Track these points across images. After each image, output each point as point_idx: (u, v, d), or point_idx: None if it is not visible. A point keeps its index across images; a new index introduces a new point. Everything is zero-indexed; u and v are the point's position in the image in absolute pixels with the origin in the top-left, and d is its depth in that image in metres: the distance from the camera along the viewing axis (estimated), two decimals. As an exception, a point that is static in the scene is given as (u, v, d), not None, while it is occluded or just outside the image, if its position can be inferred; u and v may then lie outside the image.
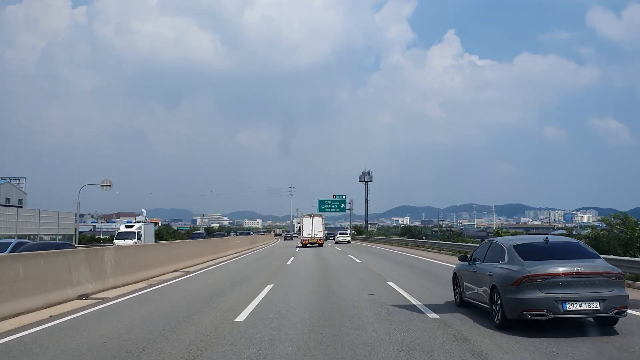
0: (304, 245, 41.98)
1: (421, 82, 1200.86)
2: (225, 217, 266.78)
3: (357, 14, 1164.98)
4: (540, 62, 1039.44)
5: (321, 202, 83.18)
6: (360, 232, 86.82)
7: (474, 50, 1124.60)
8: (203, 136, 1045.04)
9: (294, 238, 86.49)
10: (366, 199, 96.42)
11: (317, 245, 41.89)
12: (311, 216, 44.72)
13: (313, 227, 42.92)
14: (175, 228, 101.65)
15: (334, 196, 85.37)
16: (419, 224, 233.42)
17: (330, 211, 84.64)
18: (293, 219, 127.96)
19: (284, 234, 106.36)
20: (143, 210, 52.73)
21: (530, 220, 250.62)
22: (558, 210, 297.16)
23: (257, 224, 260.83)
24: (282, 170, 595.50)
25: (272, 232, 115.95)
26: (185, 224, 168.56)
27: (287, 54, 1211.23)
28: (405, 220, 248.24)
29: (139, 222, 38.36)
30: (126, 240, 30.61)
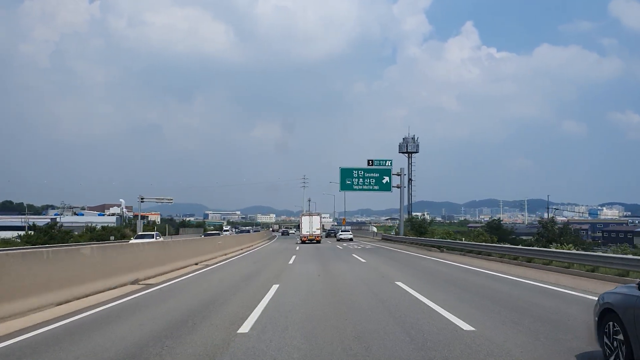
0: (303, 242, 44.21)
1: (438, 75, 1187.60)
2: (238, 212, 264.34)
3: (373, 5, 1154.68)
4: (561, 54, 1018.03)
5: (345, 174, 49.66)
6: (421, 231, 50.38)
7: (492, 43, 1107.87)
8: (217, 129, 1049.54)
9: (290, 234, 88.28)
10: (409, 179, 60.32)
11: (314, 242, 44.45)
12: (310, 215, 47.46)
13: (311, 225, 45.13)
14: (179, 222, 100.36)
15: (370, 162, 49.78)
16: (440, 219, 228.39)
17: (363, 189, 50.24)
18: (305, 212, 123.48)
19: (281, 230, 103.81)
20: (121, 200, 49.09)
21: (553, 216, 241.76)
22: (581, 205, 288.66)
23: (271, 218, 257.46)
24: (296, 164, 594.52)
25: (270, 228, 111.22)
26: (197, 219, 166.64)
27: (302, 45, 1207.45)
28: (424, 216, 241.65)
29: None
30: None
